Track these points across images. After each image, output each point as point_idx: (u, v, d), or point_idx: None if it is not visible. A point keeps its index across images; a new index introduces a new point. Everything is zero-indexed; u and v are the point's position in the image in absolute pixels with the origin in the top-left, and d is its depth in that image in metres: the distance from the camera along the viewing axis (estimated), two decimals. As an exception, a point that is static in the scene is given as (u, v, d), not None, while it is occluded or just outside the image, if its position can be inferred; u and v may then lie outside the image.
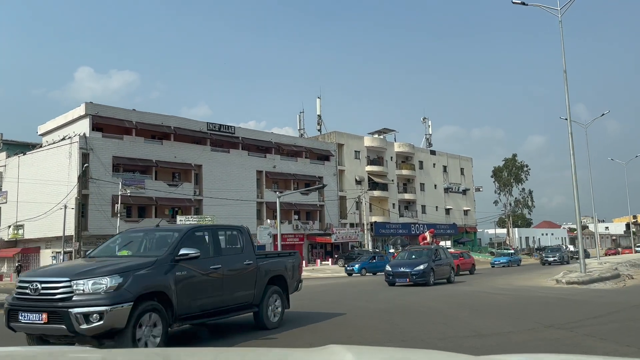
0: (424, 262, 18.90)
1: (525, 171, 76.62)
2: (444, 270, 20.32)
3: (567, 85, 20.32)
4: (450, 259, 21.92)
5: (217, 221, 40.62)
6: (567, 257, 43.56)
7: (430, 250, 20.65)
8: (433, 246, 22.72)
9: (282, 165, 49.98)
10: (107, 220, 36.89)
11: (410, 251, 21.95)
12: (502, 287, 17.53)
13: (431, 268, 18.86)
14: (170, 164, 41.88)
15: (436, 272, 19.28)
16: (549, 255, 42.90)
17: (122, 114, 40.11)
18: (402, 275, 18.67)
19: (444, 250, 22.04)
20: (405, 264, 19.32)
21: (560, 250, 44.25)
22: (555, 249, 45.89)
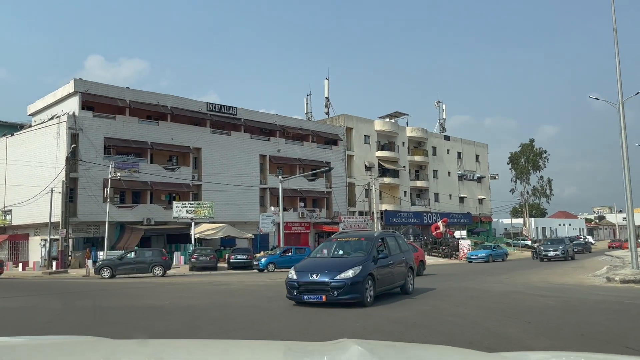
0: (356, 264, 10.68)
1: (544, 157, 73.01)
2: (395, 274, 12.13)
3: (617, 46, 17.08)
4: (407, 254, 13.23)
5: (216, 207, 38.13)
6: (572, 252, 35.69)
7: (370, 241, 11.88)
8: (376, 233, 13.63)
9: (287, 149, 47.11)
10: (98, 205, 34.32)
11: (337, 242, 12.51)
12: (536, 286, 14.64)
13: (369, 274, 10.67)
14: (166, 147, 39.19)
15: (380, 279, 11.12)
16: (548, 249, 34.08)
17: (115, 92, 37.39)
18: (315, 288, 10.44)
19: (396, 239, 13.30)
20: (321, 267, 10.97)
21: (563, 243, 35.37)
22: (557, 241, 36.73)
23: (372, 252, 11.26)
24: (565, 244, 35.15)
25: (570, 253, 34.67)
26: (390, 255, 11.92)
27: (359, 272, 10.39)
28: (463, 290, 13.31)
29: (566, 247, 34.18)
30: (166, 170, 38.92)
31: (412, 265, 13.12)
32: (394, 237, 13.25)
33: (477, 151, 70.41)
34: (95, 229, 35.68)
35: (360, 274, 10.37)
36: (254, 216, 42.18)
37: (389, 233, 14.11)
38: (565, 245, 34.70)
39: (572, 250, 36.27)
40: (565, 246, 34.31)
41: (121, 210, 36.68)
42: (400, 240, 13.48)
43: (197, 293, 14.50)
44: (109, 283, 20.71)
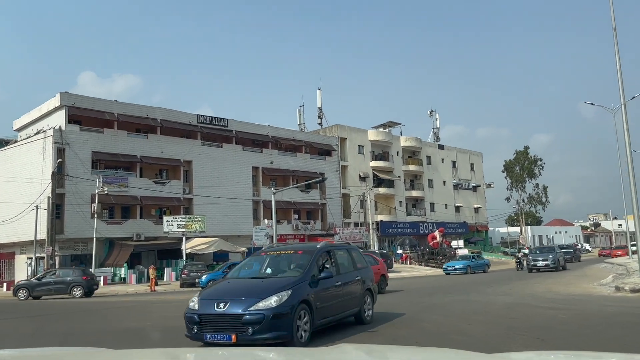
0: (283, 288, 7.70)
1: (539, 165, 72.58)
2: (346, 299, 9.01)
3: (616, 44, 16.47)
4: (364, 271, 10.07)
5: (208, 221, 37.23)
6: (563, 261, 32.01)
7: (309, 255, 8.80)
8: (320, 244, 9.55)
9: (280, 160, 46.35)
10: (86, 221, 33.30)
11: (268, 257, 9.37)
12: (537, 295, 13.84)
13: (303, 301, 7.70)
14: (156, 160, 38.33)
15: (321, 307, 8.09)
16: (537, 258, 30.26)
17: (102, 105, 36.58)
18: (222, 324, 7.43)
19: (349, 252, 10.25)
20: (234, 292, 8.00)
21: (553, 251, 31.50)
22: (546, 250, 32.97)
23: (311, 270, 8.15)
24: (555, 252, 31.42)
25: (561, 262, 31.11)
26: (338, 273, 8.93)
27: (287, 299, 7.31)
28: (465, 303, 12.52)
29: (557, 256, 30.41)
30: (156, 184, 38.04)
31: (370, 286, 9.98)
32: (345, 250, 10.27)
33: (472, 160, 69.97)
34: (83, 246, 34.66)
35: (287, 302, 7.29)
36: (247, 229, 41.24)
37: (339, 245, 11.64)
38: (555, 254, 30.86)
39: (564, 259, 32.68)
40: (555, 255, 30.52)
41: (110, 226, 35.71)
42: (354, 252, 10.35)
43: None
44: (92, 302, 19.75)
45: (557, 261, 29.99)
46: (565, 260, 33.99)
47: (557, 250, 33.11)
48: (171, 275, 34.83)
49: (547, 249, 33.92)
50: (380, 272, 18.09)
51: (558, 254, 31.21)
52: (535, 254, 32.03)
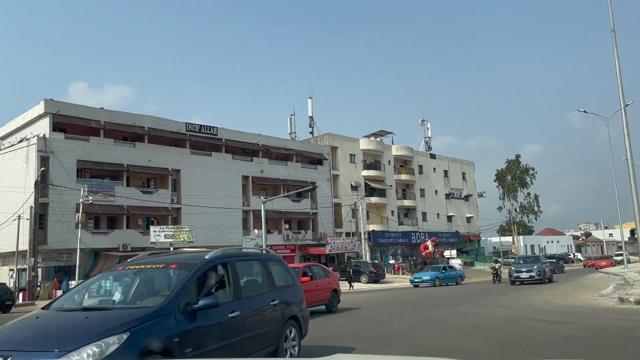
0: (115, 330, 4.53)
1: (530, 174, 72.39)
2: (255, 335, 6.13)
3: (616, 47, 16.05)
4: (288, 292, 7.21)
5: (197, 231, 36.43)
6: (549, 272, 29.41)
7: (185, 270, 5.72)
8: (210, 253, 6.15)
9: (271, 169, 45.67)
10: (70, 232, 32.30)
11: (125, 273, 6.32)
12: (541, 309, 13.21)
13: (155, 350, 4.67)
14: (144, 169, 37.50)
15: (199, 355, 5.10)
16: (521, 269, 27.55)
17: (88, 113, 35.78)
18: None
19: (262, 265, 7.07)
20: (27, 339, 4.63)
21: (539, 262, 28.65)
22: (531, 260, 30.38)
23: (181, 296, 5.27)
24: (541, 262, 28.58)
25: (547, 274, 28.31)
26: (239, 298, 6.09)
27: (116, 348, 4.41)
28: (462, 316, 11.87)
29: (542, 267, 27.58)
30: (143, 194, 37.17)
31: (297, 312, 7.12)
32: (256, 261, 7.17)
33: (464, 169, 69.70)
34: (67, 257, 33.68)
35: (117, 354, 4.38)
36: (236, 240, 40.42)
37: (245, 254, 7.89)
38: (541, 264, 28.05)
39: (550, 271, 29.75)
40: (541, 265, 27.71)
41: (95, 237, 34.78)
42: (273, 265, 7.35)
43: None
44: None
45: (542, 272, 27.21)
46: (552, 271, 31.45)
47: (543, 260, 30.32)
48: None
49: (532, 258, 31.42)
50: (331, 286, 15.90)
51: (544, 265, 28.41)
52: (519, 264, 29.19)
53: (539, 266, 27.62)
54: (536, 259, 30.47)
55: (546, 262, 30.08)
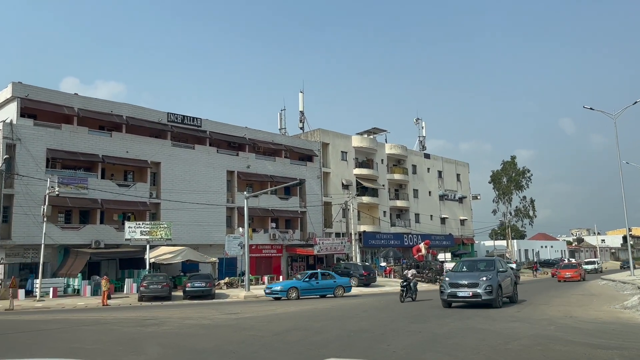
0: None
1: (527, 177, 70.51)
2: None
3: None
4: None
5: (177, 228, 34.09)
6: (511, 288, 18.38)
7: None
8: None
9: (258, 165, 43.31)
10: (38, 226, 29.68)
11: None
12: (560, 323, 11.02)
13: None
14: (120, 160, 35.03)
15: None
16: (460, 282, 16.63)
17: (61, 99, 33.25)
18: None
19: None
20: None
21: (492, 269, 17.28)
22: (481, 266, 18.19)
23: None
24: (495, 271, 16.98)
25: (507, 291, 17.59)
26: None
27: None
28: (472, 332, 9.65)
29: (495, 280, 16.44)
30: (119, 187, 34.68)
31: None
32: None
33: (458, 170, 67.72)
34: (34, 253, 31.08)
35: None
36: (219, 238, 38.09)
37: None
38: (495, 274, 16.76)
39: (513, 285, 18.59)
40: (494, 277, 16.53)
41: (65, 232, 32.26)
42: None
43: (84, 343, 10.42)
44: (21, 321, 16.46)
45: (494, 289, 16.01)
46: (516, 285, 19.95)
47: (502, 266, 18.14)
48: (132, 287, 31.45)
49: (484, 264, 18.37)
50: None
51: (501, 275, 17.11)
52: (459, 273, 17.56)
53: (490, 278, 16.25)
54: (489, 263, 18.04)
55: (506, 271, 18.10)
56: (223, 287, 33.99)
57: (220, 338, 10.11)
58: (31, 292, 29.45)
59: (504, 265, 18.58)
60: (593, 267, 59.71)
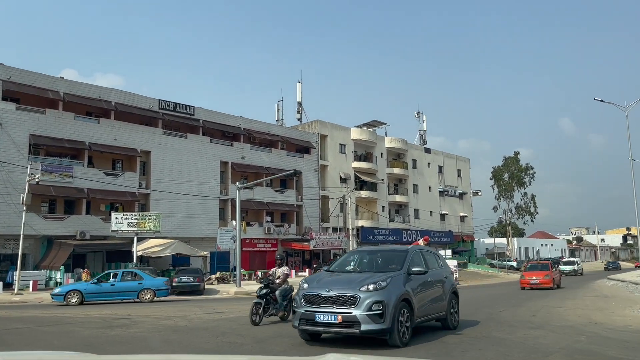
0: None
1: (529, 174, 68.98)
2: None
3: None
4: None
5: (167, 220, 32.60)
6: (443, 313, 9.78)
7: None
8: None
9: (253, 156, 41.77)
10: (20, 215, 28.06)
11: None
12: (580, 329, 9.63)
13: None
14: (108, 148, 33.48)
15: None
16: (319, 296, 8.04)
17: (45, 82, 31.65)
18: None
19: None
20: None
21: (399, 267, 8.78)
22: (369, 270, 9.20)
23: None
24: (403, 272, 8.66)
25: (434, 310, 9.43)
26: None
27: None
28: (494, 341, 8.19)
29: (398, 289, 8.20)
30: (107, 176, 33.17)
31: None
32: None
33: (459, 165, 66.22)
34: (14, 244, 29.53)
35: None
36: (212, 231, 36.60)
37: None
38: (399, 277, 8.49)
39: (447, 300, 9.93)
40: (395, 284, 8.24)
41: (48, 222, 30.76)
42: None
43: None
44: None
45: (391, 308, 7.83)
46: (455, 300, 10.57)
47: (420, 264, 9.31)
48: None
49: (386, 254, 10.02)
50: None
51: (414, 280, 8.83)
52: (328, 277, 8.88)
53: (384, 286, 8.04)
54: (396, 256, 9.43)
55: (433, 274, 9.69)
56: (214, 282, 32.51)
57: (188, 345, 8.64)
58: (11, 285, 27.95)
59: (433, 261, 10.10)
60: (572, 269, 48.98)
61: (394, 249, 10.73)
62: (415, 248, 10.14)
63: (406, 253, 9.31)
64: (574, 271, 48.52)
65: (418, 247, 10.51)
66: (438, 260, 10.53)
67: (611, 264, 66.75)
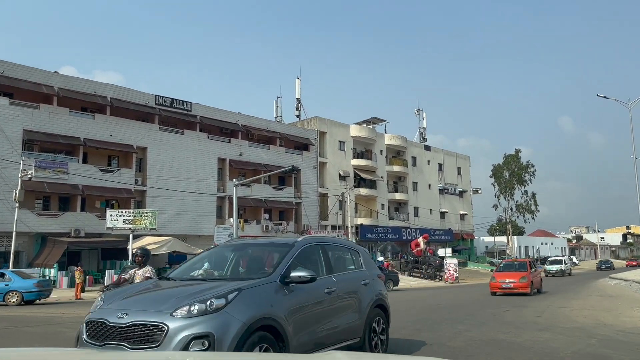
0: None
1: (530, 172, 68.51)
2: None
3: None
4: None
5: (164, 217, 32.12)
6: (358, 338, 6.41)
7: None
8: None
9: (251, 153, 41.27)
10: (13, 213, 27.67)
11: None
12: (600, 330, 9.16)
13: None
14: (104, 144, 32.99)
15: None
16: (106, 323, 4.73)
17: (40, 77, 31.12)
18: None
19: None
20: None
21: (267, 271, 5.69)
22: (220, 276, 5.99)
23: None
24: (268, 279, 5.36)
25: (315, 341, 5.58)
26: None
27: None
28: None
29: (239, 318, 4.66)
30: (102, 172, 32.68)
31: None
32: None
33: (459, 163, 65.73)
34: (7, 242, 29.00)
35: None
36: (209, 229, 36.08)
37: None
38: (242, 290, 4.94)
39: (363, 320, 6.50)
40: (236, 310, 4.72)
41: (42, 219, 30.27)
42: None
43: None
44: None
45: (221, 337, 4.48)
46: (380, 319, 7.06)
47: (289, 269, 5.54)
48: (112, 279, 29.43)
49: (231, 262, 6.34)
50: None
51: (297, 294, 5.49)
52: (131, 294, 5.24)
53: (210, 321, 4.55)
54: (277, 250, 6.16)
55: (338, 282, 6.28)
56: (211, 281, 32.01)
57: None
58: (4, 283, 27.44)
59: (343, 261, 7.12)
60: (559, 269, 44.23)
61: (272, 242, 7.35)
62: (310, 240, 6.42)
63: (289, 249, 5.87)
64: (562, 271, 44.05)
65: (315, 239, 6.77)
66: (357, 259, 7.07)
67: (604, 263, 63.77)
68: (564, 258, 50.56)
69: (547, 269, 43.55)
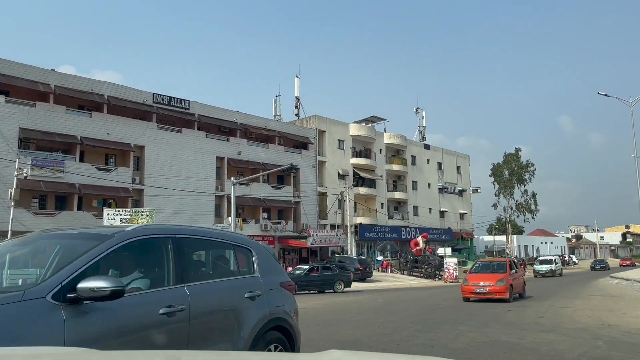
0: None
1: (530, 171, 68.28)
2: None
3: None
4: None
5: (161, 216, 31.82)
6: None
7: None
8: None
9: (250, 151, 41.00)
10: (8, 211, 27.42)
11: None
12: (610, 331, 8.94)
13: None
14: (101, 143, 32.71)
15: None
16: None
17: (36, 74, 30.82)
18: None
19: None
20: None
21: None
22: None
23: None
24: None
25: None
26: None
27: None
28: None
29: None
30: (99, 171, 32.39)
31: None
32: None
33: (459, 162, 65.50)
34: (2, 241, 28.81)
35: None
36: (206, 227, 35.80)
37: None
38: None
39: None
40: None
41: (39, 218, 29.95)
42: None
43: None
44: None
45: None
46: None
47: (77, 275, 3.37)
48: (110, 279, 29.21)
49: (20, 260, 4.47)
50: None
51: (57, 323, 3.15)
52: None
53: None
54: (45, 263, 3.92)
55: None
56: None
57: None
58: None
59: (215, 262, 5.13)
60: (549, 269, 41.77)
61: (81, 233, 4.33)
62: (147, 231, 4.18)
63: (98, 243, 3.72)
64: (552, 272, 41.49)
65: (161, 229, 4.35)
66: (245, 260, 4.99)
67: (598, 263, 59.76)
68: (554, 257, 47.15)
69: (537, 269, 42.07)
